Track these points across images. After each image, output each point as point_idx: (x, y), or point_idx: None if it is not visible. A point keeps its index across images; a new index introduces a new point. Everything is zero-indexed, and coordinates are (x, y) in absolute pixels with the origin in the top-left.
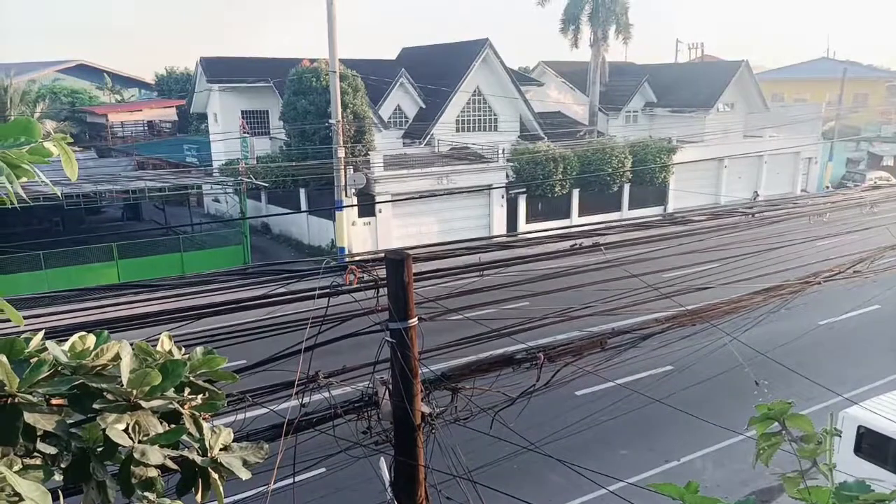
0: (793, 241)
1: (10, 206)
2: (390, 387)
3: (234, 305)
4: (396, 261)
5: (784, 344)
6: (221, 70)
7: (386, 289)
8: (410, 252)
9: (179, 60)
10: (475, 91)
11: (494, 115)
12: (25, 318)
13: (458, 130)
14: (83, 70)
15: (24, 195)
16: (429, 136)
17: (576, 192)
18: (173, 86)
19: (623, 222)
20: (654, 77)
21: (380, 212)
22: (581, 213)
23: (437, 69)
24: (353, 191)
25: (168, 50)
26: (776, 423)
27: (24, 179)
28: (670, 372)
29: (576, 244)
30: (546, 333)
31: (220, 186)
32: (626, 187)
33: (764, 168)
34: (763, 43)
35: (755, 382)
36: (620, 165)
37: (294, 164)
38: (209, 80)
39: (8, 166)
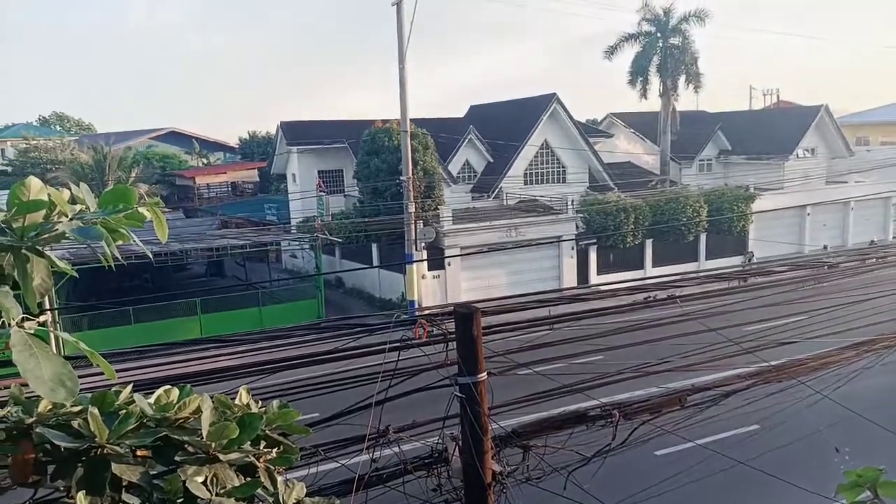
0: (886, 292)
1: (105, 267)
2: (460, 443)
3: (307, 359)
4: (465, 314)
5: (880, 403)
6: (300, 133)
7: (455, 343)
8: (479, 306)
9: (261, 125)
10: (543, 144)
11: (563, 167)
12: (116, 371)
13: (526, 183)
14: (174, 136)
15: (119, 256)
16: (497, 190)
17: (649, 243)
18: (255, 149)
19: (699, 273)
20: (727, 124)
21: (449, 265)
22: (655, 264)
23: (505, 125)
24: (423, 244)
25: (251, 115)
26: (868, 492)
27: (119, 242)
28: (756, 431)
29: (650, 296)
30: (621, 389)
31: (297, 243)
32: (703, 237)
33: (851, 215)
34: (842, 86)
35: (835, 449)
36: (695, 214)
37: (367, 219)
38: (289, 143)
39: (107, 231)
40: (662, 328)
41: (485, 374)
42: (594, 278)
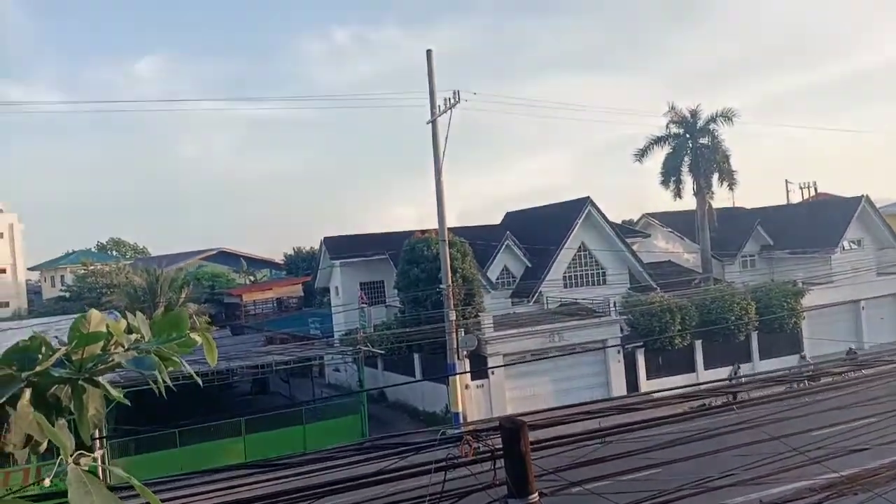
0: None
1: (157, 394)
2: None
3: (352, 482)
4: (512, 429)
5: None
6: (342, 247)
7: (503, 460)
8: (526, 419)
9: (306, 240)
10: (580, 247)
11: (602, 268)
12: (162, 501)
13: (566, 286)
14: (223, 256)
15: (169, 383)
16: (537, 294)
17: (698, 344)
18: (300, 264)
19: (755, 376)
20: (766, 219)
21: (492, 374)
22: (707, 366)
23: (541, 229)
24: (465, 353)
25: (296, 232)
26: None
27: (170, 368)
28: None
29: (705, 403)
30: None
31: (340, 356)
32: (754, 335)
33: None
34: (880, 175)
35: None
36: (744, 313)
37: (408, 329)
38: (331, 257)
39: (160, 359)
40: (722, 437)
41: (536, 494)
42: (644, 383)
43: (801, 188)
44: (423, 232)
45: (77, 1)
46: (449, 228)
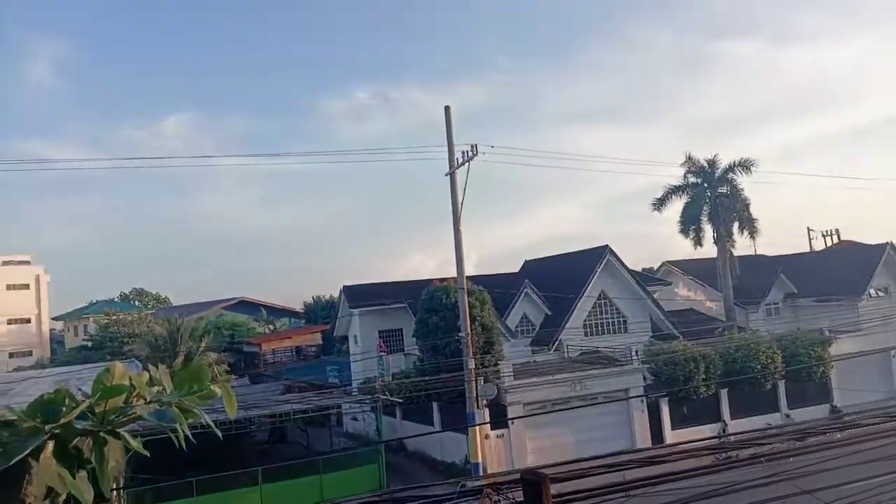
0: None
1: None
2: None
3: None
4: (533, 482)
5: None
6: (361, 295)
7: None
8: (548, 471)
9: (325, 289)
10: (600, 295)
11: (623, 316)
12: None
13: (586, 334)
14: (244, 305)
15: (189, 435)
16: (557, 342)
17: (724, 393)
18: (319, 313)
19: (783, 428)
20: (789, 267)
21: (512, 423)
22: (733, 416)
23: (560, 278)
24: (485, 401)
25: (316, 280)
26: None
27: (190, 420)
28: None
29: (731, 455)
30: None
31: (358, 405)
32: (781, 384)
33: None
34: None
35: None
36: (770, 361)
37: (427, 378)
38: (350, 305)
39: (181, 411)
40: (750, 492)
41: None
42: (668, 434)
43: (823, 235)
44: (441, 280)
45: (106, 63)
46: (468, 277)
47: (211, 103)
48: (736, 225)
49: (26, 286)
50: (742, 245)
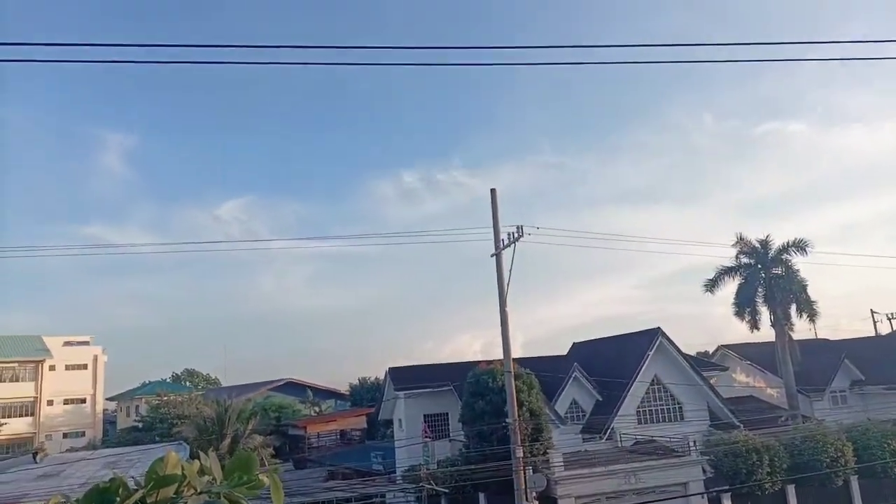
0: None
1: None
2: None
3: None
4: None
5: None
6: (406, 378)
7: None
8: None
9: (371, 370)
10: (653, 380)
11: (678, 403)
12: None
13: (640, 422)
14: (291, 387)
15: None
16: (609, 430)
17: (791, 489)
18: (364, 395)
19: None
20: (854, 352)
21: None
22: None
23: (611, 361)
24: (534, 494)
25: (362, 361)
26: None
27: None
28: None
29: None
30: None
31: (402, 494)
32: (854, 480)
33: None
34: None
35: None
36: (839, 455)
37: (473, 466)
38: (396, 388)
39: (229, 502)
40: None
41: None
42: None
43: (889, 318)
44: (488, 363)
45: (171, 152)
46: (514, 359)
47: (266, 188)
48: (794, 307)
49: (84, 366)
50: (801, 328)
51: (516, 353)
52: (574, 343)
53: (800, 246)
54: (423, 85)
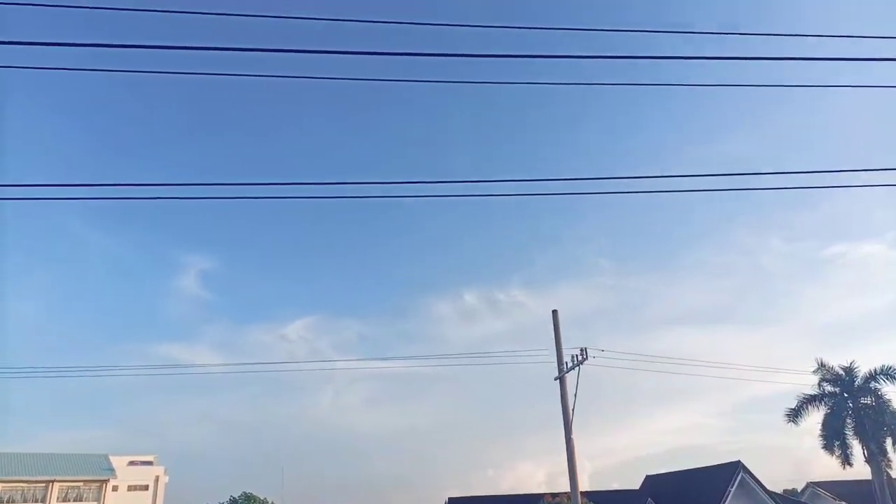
0: None
1: None
2: None
3: None
4: None
5: None
6: None
7: None
8: None
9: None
10: None
11: None
12: None
13: None
14: None
15: None
16: None
17: None
18: None
19: None
20: None
21: None
22: None
23: (688, 497)
24: None
25: (421, 488)
26: None
27: None
28: None
29: None
30: None
31: None
32: None
33: None
34: None
35: None
36: None
37: None
38: None
39: None
40: None
41: None
42: None
43: None
44: (553, 496)
45: (245, 274)
46: (582, 493)
47: (330, 308)
48: (889, 441)
49: (145, 487)
50: None
51: (584, 484)
52: (647, 476)
53: (889, 374)
54: (484, 210)
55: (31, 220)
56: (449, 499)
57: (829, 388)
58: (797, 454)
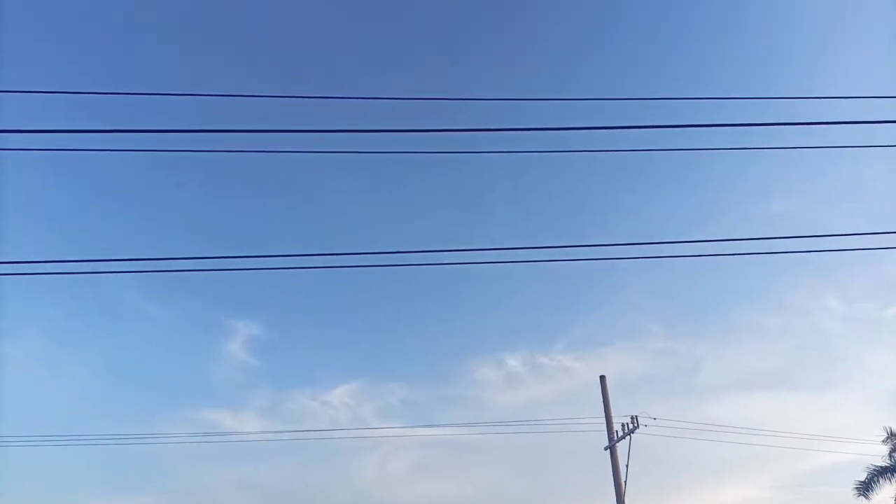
0: None
1: None
2: None
3: None
4: None
5: None
6: None
7: None
8: None
9: None
10: None
11: None
12: None
13: None
14: None
15: None
16: None
17: None
18: None
19: None
20: None
21: None
22: None
23: None
24: None
25: None
26: None
27: None
28: None
29: None
30: None
31: None
32: None
33: None
34: None
35: None
36: None
37: None
38: None
39: None
40: None
41: None
42: None
43: None
44: None
45: (285, 342)
46: None
47: (373, 373)
48: None
49: None
50: None
51: None
52: None
53: None
54: (521, 270)
55: (88, 291)
56: None
57: None
58: None
